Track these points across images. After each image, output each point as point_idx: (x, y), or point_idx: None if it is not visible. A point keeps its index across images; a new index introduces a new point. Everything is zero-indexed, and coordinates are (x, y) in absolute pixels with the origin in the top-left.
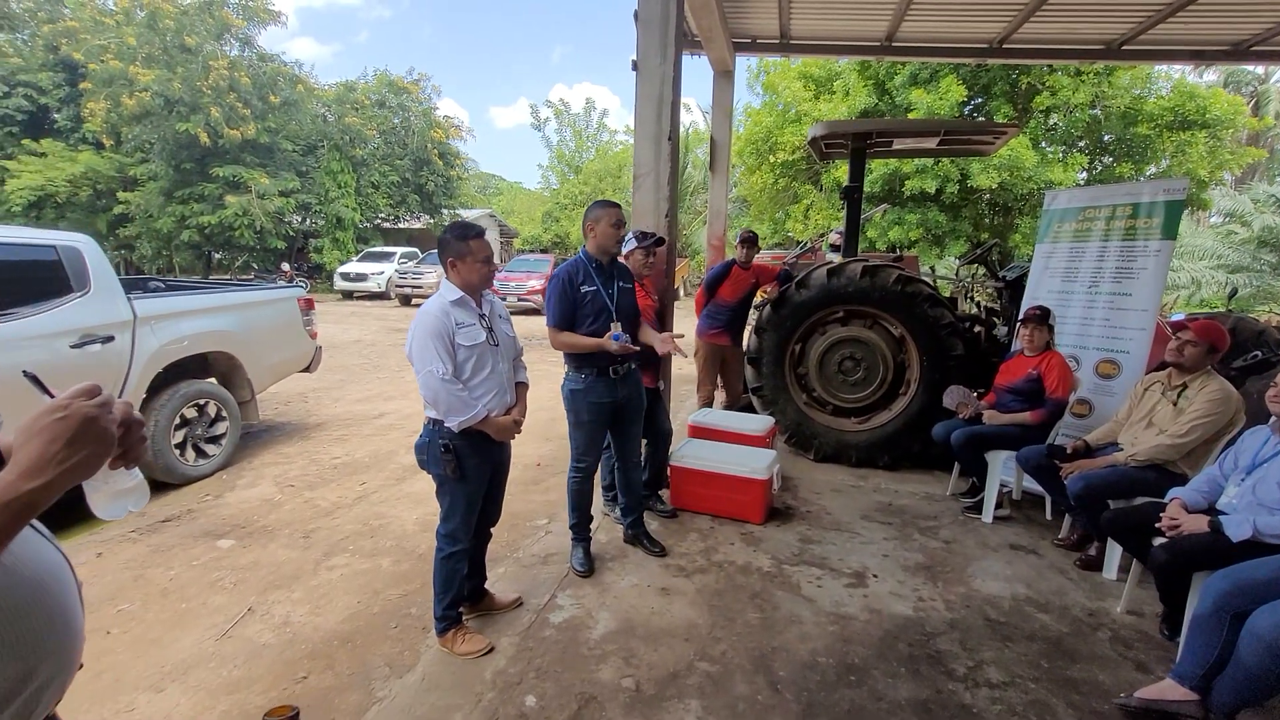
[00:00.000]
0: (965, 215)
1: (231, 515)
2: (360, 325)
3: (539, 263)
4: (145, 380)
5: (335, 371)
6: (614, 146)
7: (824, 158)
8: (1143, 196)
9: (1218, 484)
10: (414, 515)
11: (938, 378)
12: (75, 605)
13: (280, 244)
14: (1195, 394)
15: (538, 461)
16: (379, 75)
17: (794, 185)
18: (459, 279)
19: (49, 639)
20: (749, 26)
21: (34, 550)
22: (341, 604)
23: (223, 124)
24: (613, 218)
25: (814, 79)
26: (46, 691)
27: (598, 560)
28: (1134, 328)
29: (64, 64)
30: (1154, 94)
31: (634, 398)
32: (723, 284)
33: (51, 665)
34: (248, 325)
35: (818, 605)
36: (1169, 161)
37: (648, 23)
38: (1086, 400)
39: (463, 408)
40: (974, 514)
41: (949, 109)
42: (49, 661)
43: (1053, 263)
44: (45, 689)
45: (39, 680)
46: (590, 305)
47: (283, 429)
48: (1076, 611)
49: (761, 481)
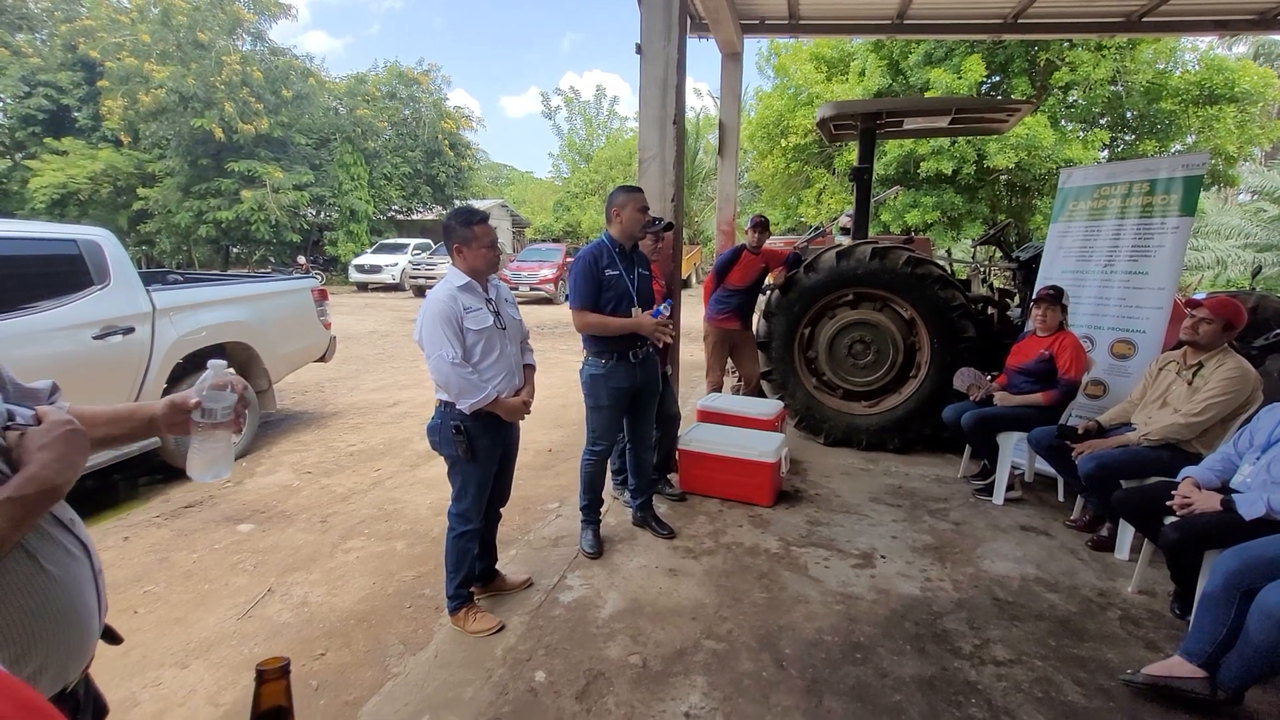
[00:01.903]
0: (982, 197)
1: (251, 501)
2: (375, 316)
3: (551, 252)
4: (166, 370)
5: (351, 362)
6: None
7: (833, 139)
8: (1160, 172)
9: (1232, 462)
10: (427, 500)
11: (949, 360)
12: (79, 595)
13: (296, 238)
14: (1211, 373)
15: (549, 447)
16: (389, 67)
17: (806, 169)
18: (465, 264)
19: (41, 628)
20: (756, 7)
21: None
22: (357, 585)
23: (236, 119)
24: (639, 202)
25: (826, 60)
26: (42, 678)
27: (607, 542)
28: (1150, 306)
29: (82, 63)
30: (1180, 67)
31: (651, 381)
32: (732, 269)
33: (41, 653)
34: (263, 316)
35: (824, 585)
36: (1195, 138)
37: (651, 4)
38: (1101, 381)
39: (473, 390)
40: (985, 496)
41: (968, 88)
42: (39, 649)
43: (1067, 242)
44: (38, 676)
45: (29, 668)
46: (613, 289)
47: (300, 418)
48: (1086, 591)
49: (769, 465)
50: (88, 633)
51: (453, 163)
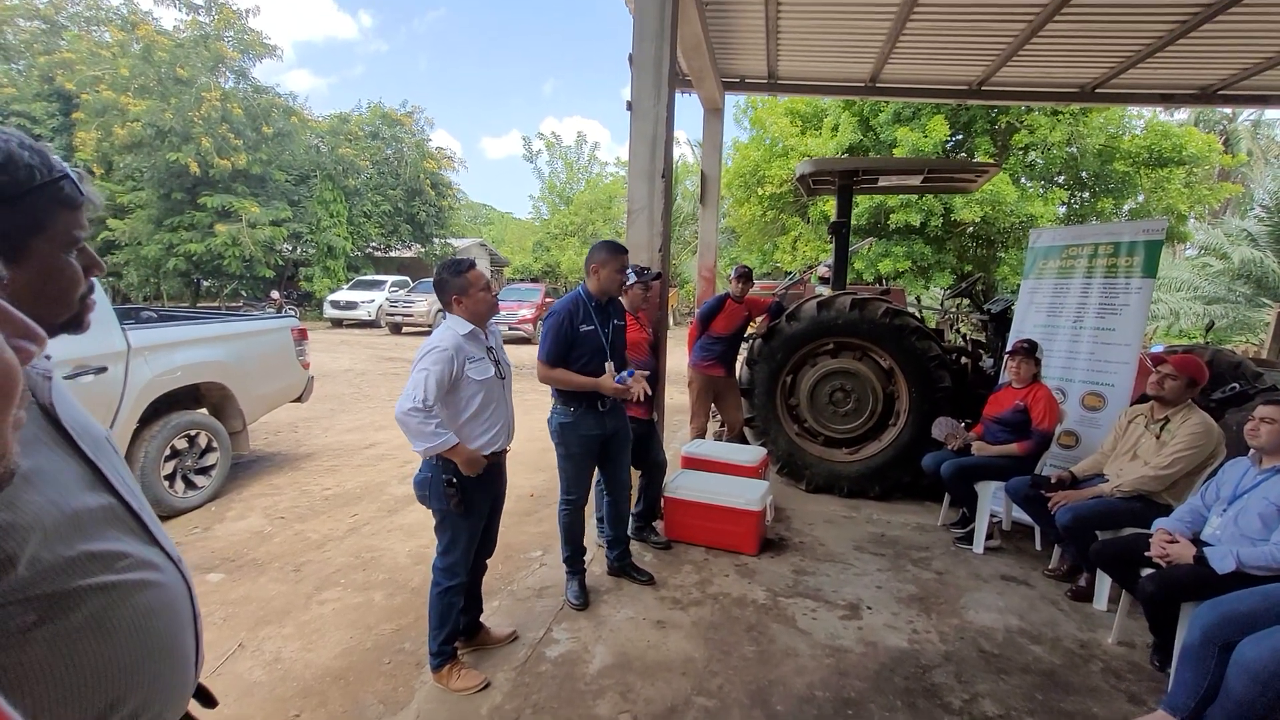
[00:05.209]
0: (950, 248)
1: (221, 548)
2: (350, 354)
3: (530, 292)
4: (137, 411)
5: (325, 400)
6: (604, 178)
7: (811, 193)
8: (1123, 236)
9: (1200, 514)
10: (406, 547)
11: (927, 409)
12: (181, 635)
13: (269, 273)
14: (1177, 427)
15: (531, 492)
16: (373, 107)
17: (782, 217)
18: (467, 312)
19: (141, 670)
20: (738, 67)
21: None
22: (333, 639)
23: (213, 154)
24: (619, 264)
25: (800, 115)
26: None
27: (593, 593)
28: (1118, 361)
29: (58, 94)
30: (1128, 132)
31: (621, 429)
32: (716, 317)
33: (140, 696)
34: (241, 356)
35: (813, 638)
36: (1146, 197)
37: (642, 66)
38: (1073, 432)
39: (430, 437)
40: (965, 545)
41: (933, 146)
42: (138, 692)
43: (1038, 298)
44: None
45: (125, 710)
46: (587, 344)
47: (273, 459)
48: (1069, 643)
49: (755, 513)
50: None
51: (433, 201)
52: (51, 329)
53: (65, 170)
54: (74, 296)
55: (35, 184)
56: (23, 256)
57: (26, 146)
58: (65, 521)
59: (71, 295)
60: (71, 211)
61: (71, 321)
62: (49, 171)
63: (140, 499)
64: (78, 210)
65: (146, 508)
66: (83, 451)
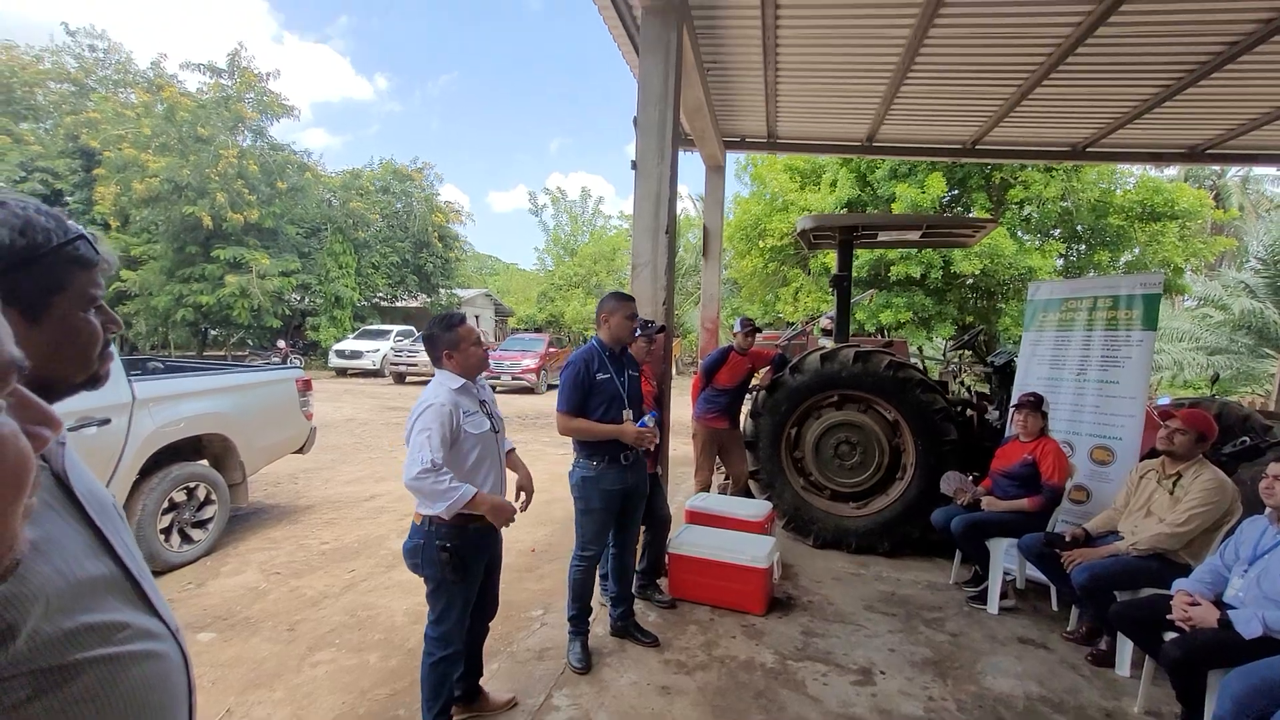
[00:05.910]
0: (950, 299)
1: (214, 605)
2: (354, 403)
3: (534, 342)
4: (138, 464)
5: (327, 451)
6: (608, 230)
7: (812, 247)
8: (1121, 290)
9: (1220, 575)
10: (403, 606)
11: (933, 462)
12: (177, 709)
13: (276, 322)
14: (1190, 483)
15: (532, 547)
16: (384, 164)
17: (783, 269)
18: (458, 367)
19: None
20: (738, 127)
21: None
22: (326, 704)
23: (227, 208)
24: (628, 310)
25: (799, 171)
26: None
27: (595, 655)
28: (1124, 415)
29: (81, 151)
30: (1120, 188)
31: (641, 484)
32: (720, 369)
33: None
34: (244, 407)
35: (824, 706)
36: (1141, 250)
37: (646, 128)
38: (1084, 486)
39: (446, 494)
40: (979, 604)
41: (931, 201)
42: None
43: (1040, 350)
44: None
45: None
46: (604, 393)
47: (271, 511)
48: (1093, 712)
49: (762, 570)
50: None
51: (440, 253)
52: (71, 388)
53: (80, 231)
54: (93, 354)
55: (53, 245)
56: (44, 315)
57: (43, 212)
58: (69, 590)
59: (91, 353)
60: (88, 271)
61: (90, 380)
62: (65, 233)
63: (142, 565)
64: (93, 269)
65: (148, 575)
66: (90, 518)
